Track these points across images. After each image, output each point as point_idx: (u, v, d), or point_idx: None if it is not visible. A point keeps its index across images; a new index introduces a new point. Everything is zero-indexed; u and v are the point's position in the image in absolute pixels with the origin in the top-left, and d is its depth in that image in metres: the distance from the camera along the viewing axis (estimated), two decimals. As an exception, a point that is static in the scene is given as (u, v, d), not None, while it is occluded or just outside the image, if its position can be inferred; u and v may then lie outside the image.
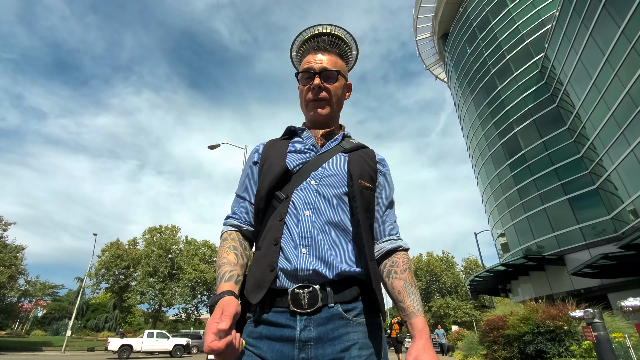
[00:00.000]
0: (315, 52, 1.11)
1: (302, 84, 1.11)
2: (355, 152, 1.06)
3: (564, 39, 17.90)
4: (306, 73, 1.09)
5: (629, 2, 12.50)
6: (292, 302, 0.81)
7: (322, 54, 1.10)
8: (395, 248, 0.99)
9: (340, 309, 0.83)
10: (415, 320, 0.84)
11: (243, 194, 1.07)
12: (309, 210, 0.90)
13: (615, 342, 4.99)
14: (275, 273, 0.83)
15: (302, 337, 0.78)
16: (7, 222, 26.62)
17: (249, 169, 1.09)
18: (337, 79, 1.10)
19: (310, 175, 0.97)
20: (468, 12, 29.86)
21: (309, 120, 1.14)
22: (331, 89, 1.08)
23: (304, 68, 1.10)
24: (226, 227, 1.02)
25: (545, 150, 20.80)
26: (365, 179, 0.99)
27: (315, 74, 1.07)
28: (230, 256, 0.91)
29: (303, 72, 1.10)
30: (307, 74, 1.09)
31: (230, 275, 0.85)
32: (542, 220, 20.40)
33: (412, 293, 0.89)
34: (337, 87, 1.10)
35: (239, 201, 1.07)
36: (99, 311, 42.00)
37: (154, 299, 37.62)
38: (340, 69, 1.11)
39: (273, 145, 1.09)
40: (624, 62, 13.35)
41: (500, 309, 9.10)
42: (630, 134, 13.64)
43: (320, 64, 1.08)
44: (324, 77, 1.08)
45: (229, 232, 1.00)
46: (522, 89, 22.96)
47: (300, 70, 1.12)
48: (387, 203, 1.07)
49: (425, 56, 40.00)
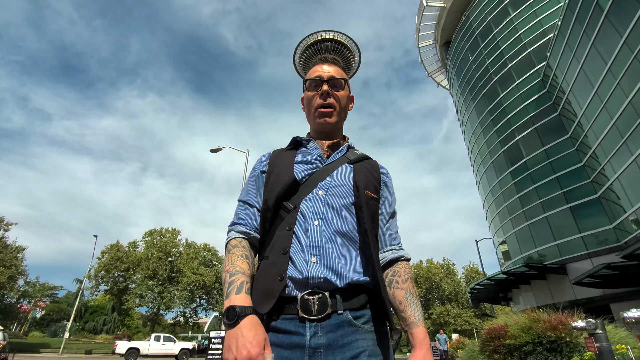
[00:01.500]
0: (322, 63, 1.14)
1: (310, 91, 1.13)
2: (360, 163, 1.08)
3: (566, 48, 17.96)
4: (314, 81, 1.12)
5: (631, 12, 12.56)
6: (301, 309, 0.81)
7: (329, 66, 1.14)
8: (397, 258, 1.01)
9: (350, 316, 0.83)
10: (416, 330, 0.85)
11: (250, 200, 1.06)
12: (317, 220, 0.92)
13: (618, 353, 4.93)
14: (285, 282, 0.83)
15: (312, 344, 0.78)
16: (8, 223, 26.68)
17: (255, 177, 1.10)
18: (344, 88, 1.13)
19: (317, 186, 0.98)
20: (470, 20, 30.05)
21: (315, 130, 1.17)
22: (339, 96, 1.11)
23: (311, 77, 1.13)
24: (235, 234, 1.01)
25: (547, 159, 20.76)
26: (370, 190, 1.01)
27: (323, 81, 1.11)
28: (244, 265, 0.90)
29: (311, 80, 1.12)
30: (315, 81, 1.12)
31: (247, 287, 0.85)
32: (544, 229, 20.29)
33: (413, 303, 0.90)
34: (344, 96, 1.13)
35: (246, 208, 1.06)
36: (97, 313, 41.86)
37: (152, 302, 37.48)
38: (346, 79, 1.15)
39: (280, 155, 1.11)
40: (626, 72, 13.37)
41: (502, 317, 9.03)
42: (632, 144, 13.61)
43: (329, 73, 1.12)
44: (332, 84, 1.11)
45: (238, 240, 0.99)
46: (524, 97, 23.00)
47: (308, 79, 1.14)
48: (390, 213, 1.09)
49: (427, 63, 40.21)
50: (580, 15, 16.08)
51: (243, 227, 1.02)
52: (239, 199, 1.10)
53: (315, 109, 1.11)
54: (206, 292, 39.56)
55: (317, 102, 1.11)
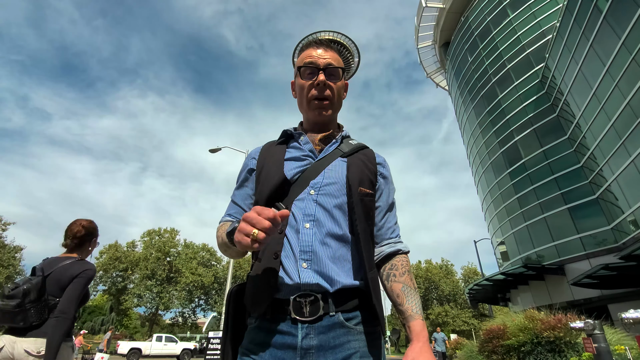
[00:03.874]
0: (317, 47, 1.05)
1: (304, 79, 1.03)
2: (354, 156, 1.03)
3: (564, 50, 18.03)
4: (309, 68, 1.02)
5: (629, 14, 12.62)
6: (293, 310, 0.80)
7: (325, 50, 1.04)
8: (395, 252, 0.98)
9: (342, 318, 0.82)
10: (414, 323, 0.83)
11: (238, 200, 1.06)
12: (309, 222, 0.88)
13: (616, 354, 4.95)
14: (276, 288, 0.83)
15: (304, 345, 0.78)
16: (6, 222, 26.64)
17: (244, 175, 1.07)
18: (340, 78, 1.05)
19: (309, 185, 0.94)
20: (469, 22, 30.13)
21: (308, 121, 1.09)
22: (335, 87, 1.03)
23: (306, 62, 1.02)
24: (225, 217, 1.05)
25: (545, 160, 20.83)
26: (365, 185, 0.96)
27: (319, 69, 1.01)
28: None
29: (305, 67, 1.02)
30: (310, 68, 1.02)
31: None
32: (542, 229, 20.35)
33: (411, 296, 0.88)
34: (340, 87, 1.06)
35: (234, 206, 1.06)
36: (95, 313, 41.73)
37: (151, 302, 37.42)
38: (343, 68, 1.07)
39: (269, 150, 1.06)
40: (624, 73, 13.44)
41: (500, 318, 9.04)
42: (630, 145, 13.67)
43: (325, 60, 1.02)
44: (328, 73, 1.02)
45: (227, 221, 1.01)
46: (523, 98, 23.07)
47: (302, 64, 1.03)
48: (387, 206, 1.04)
49: (426, 64, 40.30)
50: (579, 17, 16.15)
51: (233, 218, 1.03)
52: (231, 197, 1.09)
53: (310, 100, 1.03)
54: (205, 293, 39.51)
55: (312, 94, 1.02)
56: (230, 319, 0.95)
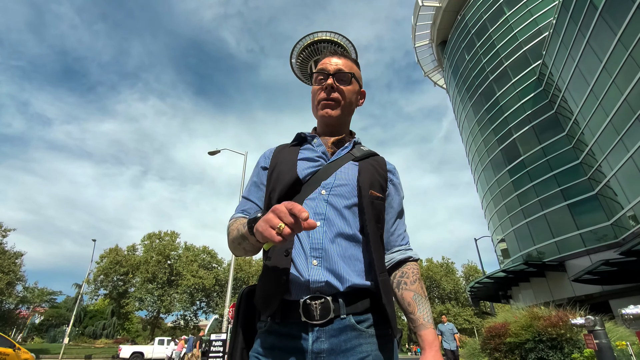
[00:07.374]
0: (332, 56, 1.12)
1: (316, 84, 1.11)
2: (365, 161, 1.05)
3: (561, 46, 18.07)
4: (320, 74, 1.09)
5: (625, 10, 12.65)
6: (303, 313, 0.80)
7: (338, 58, 1.11)
8: (406, 259, 0.99)
9: (353, 320, 0.82)
10: (425, 332, 0.84)
11: (251, 197, 1.07)
12: (319, 220, 0.89)
13: (617, 350, 4.96)
14: (287, 286, 0.83)
15: (315, 349, 0.78)
16: (6, 229, 26.57)
17: (257, 174, 1.09)
18: (350, 82, 1.09)
19: (320, 185, 0.95)
20: (466, 20, 30.17)
21: (319, 124, 1.14)
22: (344, 91, 1.08)
23: (318, 69, 1.10)
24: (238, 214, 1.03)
25: (544, 156, 20.86)
26: (375, 189, 0.97)
27: (329, 74, 1.07)
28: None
29: (317, 73, 1.10)
30: (321, 74, 1.09)
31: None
32: (542, 226, 20.37)
33: (422, 304, 0.89)
34: (350, 91, 1.10)
35: (246, 202, 1.06)
36: (96, 318, 41.64)
37: (152, 306, 37.35)
38: (355, 73, 1.11)
39: (283, 151, 1.08)
40: (621, 69, 13.47)
41: (502, 315, 9.05)
42: (628, 140, 13.70)
43: (335, 66, 1.08)
44: (337, 78, 1.07)
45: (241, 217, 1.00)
46: (521, 96, 23.10)
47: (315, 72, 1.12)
48: (397, 213, 1.06)
49: (424, 63, 40.32)
50: (575, 14, 16.19)
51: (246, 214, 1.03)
52: (242, 195, 1.10)
53: (318, 102, 1.09)
54: (206, 295, 39.45)
55: (320, 96, 1.08)
56: (240, 321, 0.95)
